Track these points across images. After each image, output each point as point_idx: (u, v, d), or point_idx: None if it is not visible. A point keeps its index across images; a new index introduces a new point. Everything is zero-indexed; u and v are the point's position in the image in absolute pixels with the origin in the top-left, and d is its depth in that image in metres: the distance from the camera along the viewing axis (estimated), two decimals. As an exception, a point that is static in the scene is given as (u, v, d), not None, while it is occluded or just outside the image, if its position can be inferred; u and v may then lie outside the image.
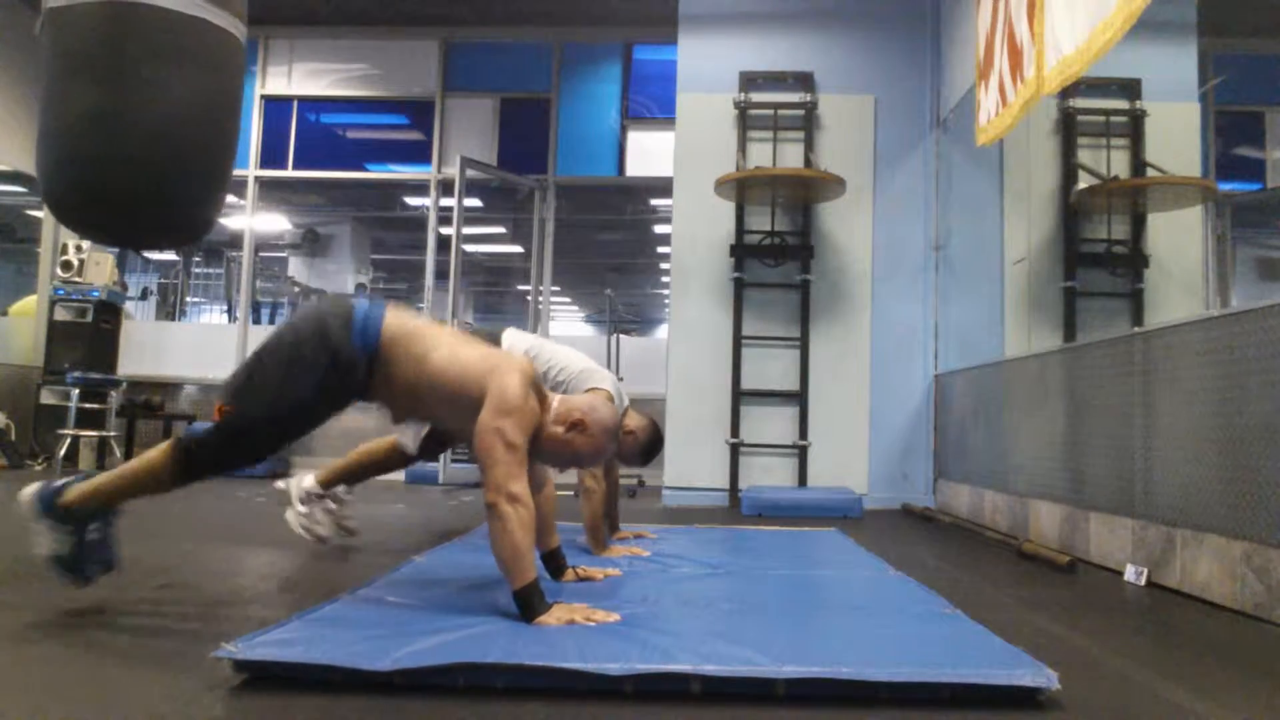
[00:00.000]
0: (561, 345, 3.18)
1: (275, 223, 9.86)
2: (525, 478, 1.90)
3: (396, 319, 2.06)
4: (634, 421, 3.03)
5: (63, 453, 5.77)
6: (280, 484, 3.04)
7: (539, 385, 2.05)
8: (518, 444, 1.90)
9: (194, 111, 2.75)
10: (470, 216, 7.03)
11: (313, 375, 1.98)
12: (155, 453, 2.02)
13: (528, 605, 1.81)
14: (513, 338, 3.14)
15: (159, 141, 2.67)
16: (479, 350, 2.05)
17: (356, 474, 3.12)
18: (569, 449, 2.03)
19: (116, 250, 6.82)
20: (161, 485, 2.03)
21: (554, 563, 2.35)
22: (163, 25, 2.65)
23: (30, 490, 2.01)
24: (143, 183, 2.68)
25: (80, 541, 2.01)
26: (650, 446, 3.05)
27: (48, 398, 6.20)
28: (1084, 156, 4.44)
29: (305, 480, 3.00)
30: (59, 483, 2.03)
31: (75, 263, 6.32)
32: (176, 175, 2.74)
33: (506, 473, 1.85)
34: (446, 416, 2.11)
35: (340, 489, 3.07)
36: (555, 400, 2.07)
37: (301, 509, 2.96)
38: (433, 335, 2.07)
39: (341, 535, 3.06)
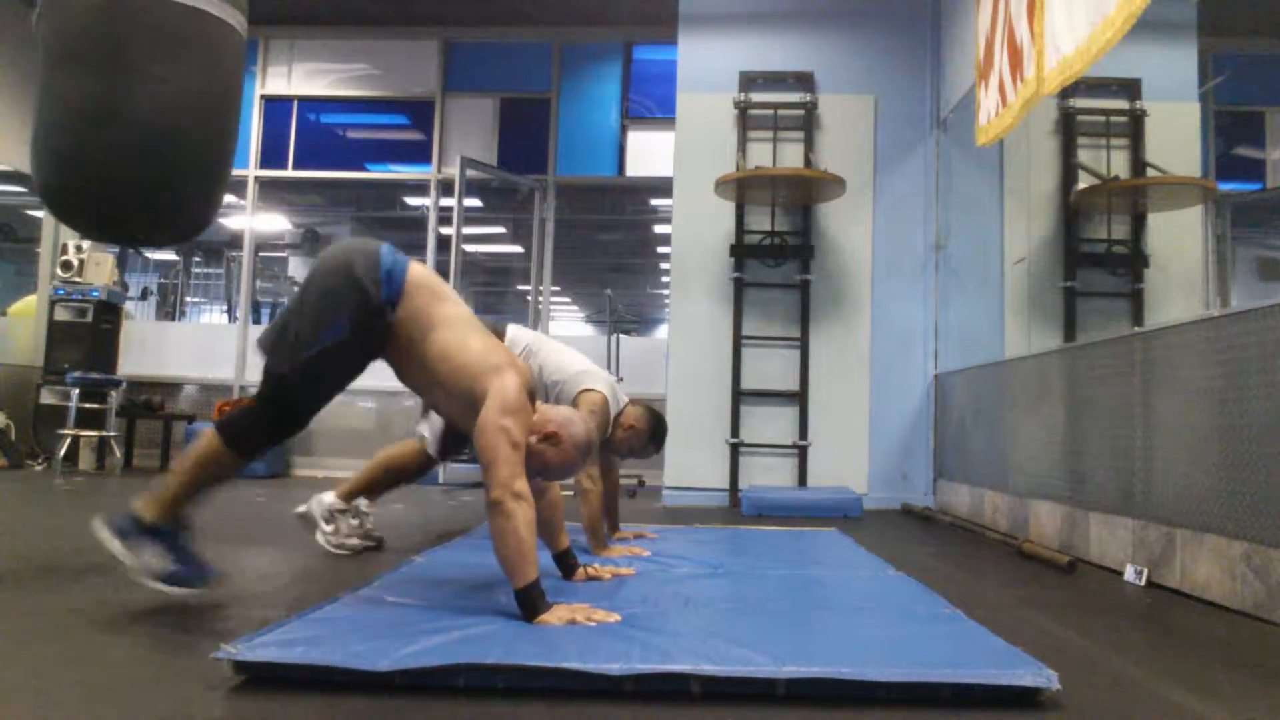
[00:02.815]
0: (562, 346, 3.17)
1: (275, 223, 9.85)
2: (526, 476, 1.90)
3: (420, 272, 2.08)
4: (632, 415, 3.05)
5: (63, 453, 5.77)
6: (301, 509, 3.00)
7: (532, 390, 2.05)
8: (521, 443, 1.90)
9: (192, 105, 2.71)
10: (470, 216, 7.02)
11: (345, 312, 1.99)
12: (204, 441, 2.03)
13: (529, 604, 1.81)
14: (515, 333, 3.15)
15: (156, 135, 2.63)
16: (487, 342, 2.05)
17: (378, 485, 3.09)
18: (538, 459, 2.02)
19: (116, 249, 6.82)
20: (225, 466, 2.05)
21: (565, 563, 2.35)
22: (160, 17, 2.62)
23: (102, 526, 2.00)
24: (139, 178, 2.64)
25: (178, 549, 2.03)
26: (655, 434, 3.07)
27: (48, 398, 6.20)
28: (1084, 156, 4.44)
29: (325, 498, 2.98)
30: (127, 512, 2.01)
31: (75, 263, 6.32)
32: (174, 170, 2.70)
33: (511, 471, 1.85)
34: (438, 396, 2.10)
35: (362, 502, 3.04)
36: (538, 409, 2.07)
37: (327, 529, 2.95)
38: (449, 305, 2.08)
39: (367, 545, 3.04)
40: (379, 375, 2.21)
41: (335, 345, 2.00)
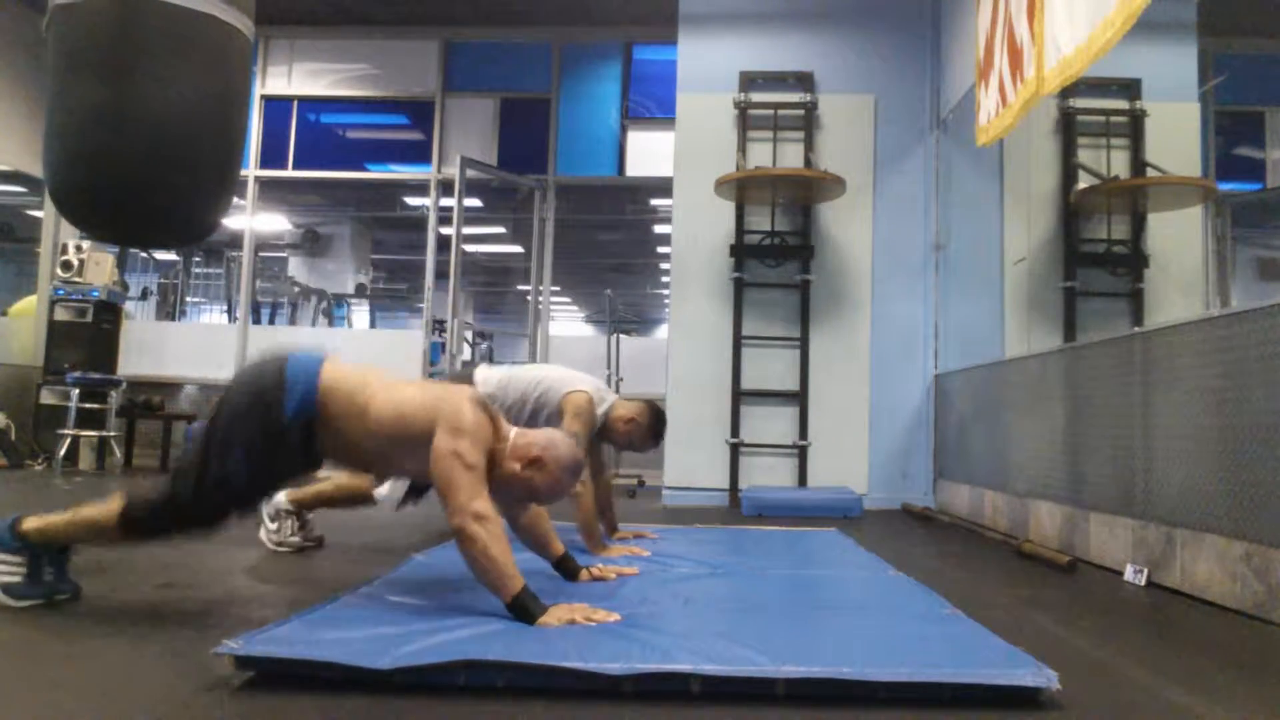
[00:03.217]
0: (533, 365, 3.25)
1: (275, 223, 9.86)
2: (487, 494, 1.88)
3: (333, 373, 1.99)
4: (629, 409, 3.08)
5: (63, 453, 5.77)
6: None
7: (489, 407, 2.03)
8: (475, 464, 1.88)
9: (201, 108, 2.73)
10: (470, 216, 7.03)
11: (252, 436, 1.93)
12: (108, 506, 1.95)
13: (524, 611, 1.81)
14: (484, 373, 3.20)
15: (166, 138, 2.66)
16: (417, 386, 2.04)
17: (326, 502, 3.10)
18: (527, 486, 2.01)
19: (116, 250, 6.82)
20: (108, 541, 2.01)
21: (566, 567, 2.34)
22: (169, 21, 2.64)
23: None
24: (149, 180, 2.67)
25: (32, 575, 1.98)
26: (655, 426, 3.11)
27: (48, 398, 6.20)
28: (1084, 156, 4.44)
29: (279, 498, 3.00)
30: (14, 516, 1.99)
31: (75, 263, 6.31)
32: (183, 173, 2.73)
33: (469, 494, 1.84)
34: (403, 460, 2.03)
35: (306, 512, 3.06)
36: (512, 433, 2.04)
37: (271, 526, 2.98)
38: (371, 386, 2.00)
39: (307, 545, 3.04)
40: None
41: (239, 479, 1.94)
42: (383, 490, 3.08)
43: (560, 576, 2.34)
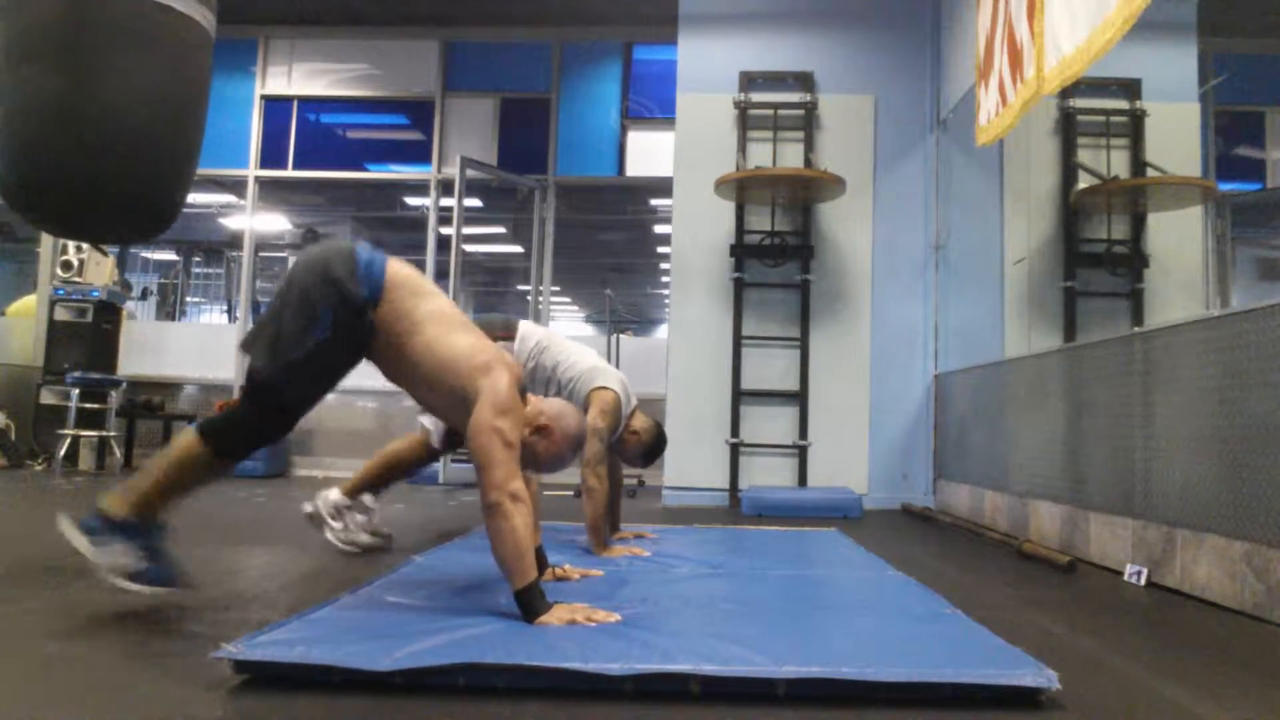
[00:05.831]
0: (572, 342, 3.19)
1: (275, 223, 9.86)
2: (522, 477, 1.90)
3: (399, 269, 2.07)
4: (640, 423, 3.06)
5: (63, 453, 5.77)
6: (308, 508, 2.99)
7: (523, 386, 2.05)
8: (515, 443, 1.90)
9: (157, 101, 2.67)
10: (470, 216, 7.03)
11: (327, 312, 1.97)
12: (184, 442, 1.98)
13: (529, 605, 1.81)
14: (526, 329, 3.16)
15: (120, 132, 2.60)
16: (471, 340, 2.04)
17: (381, 479, 3.08)
18: (528, 452, 2.02)
19: (116, 249, 6.81)
20: (205, 470, 2.01)
21: (538, 560, 2.34)
22: (125, 10, 2.59)
23: (69, 524, 1.95)
24: (101, 174, 2.60)
25: (149, 548, 1.97)
26: (653, 449, 3.08)
27: (48, 398, 6.20)
28: (1084, 156, 4.44)
29: (331, 495, 2.97)
30: (95, 509, 1.97)
31: (75, 263, 6.31)
32: (137, 166, 2.66)
33: (507, 472, 1.85)
34: (426, 394, 2.08)
35: (367, 498, 3.04)
36: (530, 401, 2.07)
37: (336, 525, 2.95)
38: (431, 303, 2.06)
39: (377, 541, 3.04)
40: (378, 375, 2.20)
41: (319, 346, 1.98)
42: (427, 422, 3.05)
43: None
